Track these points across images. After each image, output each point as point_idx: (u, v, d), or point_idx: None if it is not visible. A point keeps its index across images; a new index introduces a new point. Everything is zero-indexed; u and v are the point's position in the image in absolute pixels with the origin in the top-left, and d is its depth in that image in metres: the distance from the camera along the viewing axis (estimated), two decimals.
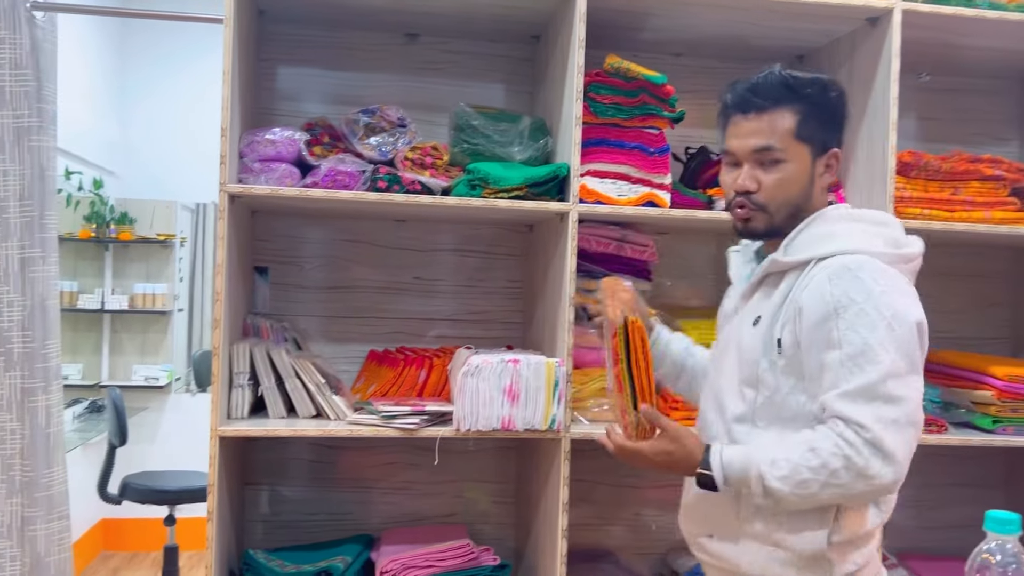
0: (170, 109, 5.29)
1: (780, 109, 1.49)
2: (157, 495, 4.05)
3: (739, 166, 1.52)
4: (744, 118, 1.51)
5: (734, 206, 1.55)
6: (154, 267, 5.34)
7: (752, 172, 1.50)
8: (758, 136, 1.49)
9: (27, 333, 2.15)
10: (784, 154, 1.49)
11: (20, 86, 2.14)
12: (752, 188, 1.50)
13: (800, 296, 1.45)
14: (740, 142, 1.52)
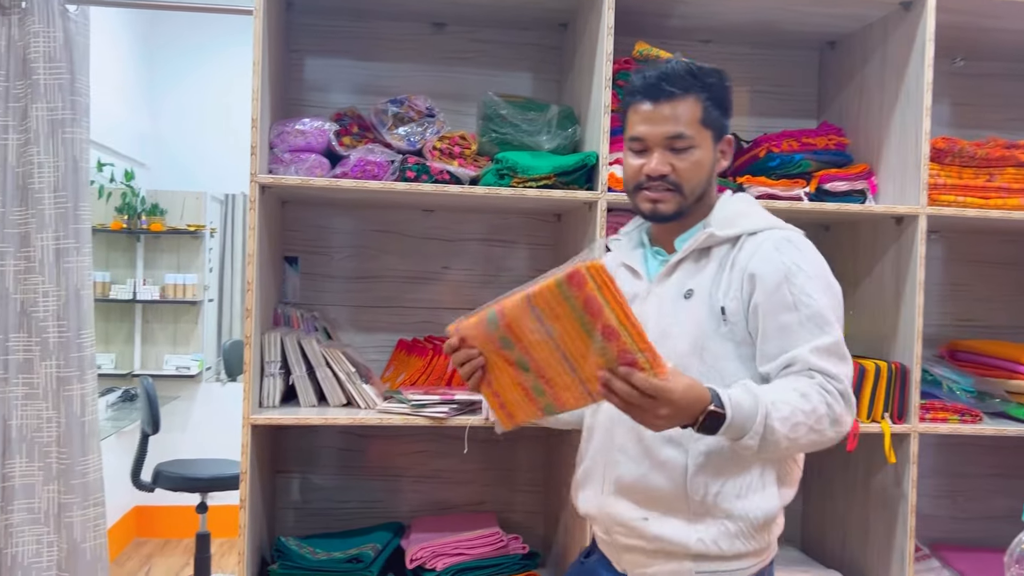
0: (199, 101, 5.33)
1: (688, 97, 1.54)
2: (189, 483, 4.09)
3: (646, 152, 1.56)
4: (654, 105, 1.54)
5: (643, 189, 1.57)
6: (184, 258, 5.39)
7: (664, 157, 1.54)
8: (670, 123, 1.53)
9: (62, 323, 2.18)
10: (694, 140, 1.54)
11: (54, 79, 2.16)
12: (667, 171, 1.54)
13: (750, 264, 1.50)
14: (652, 128, 1.54)
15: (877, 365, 2.15)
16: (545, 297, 1.29)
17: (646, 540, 1.52)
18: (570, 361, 1.32)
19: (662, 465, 1.50)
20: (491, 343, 1.39)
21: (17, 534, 2.19)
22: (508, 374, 1.39)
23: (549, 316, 1.29)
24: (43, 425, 2.20)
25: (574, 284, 1.25)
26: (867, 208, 2.20)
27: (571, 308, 1.27)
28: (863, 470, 2.33)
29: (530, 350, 1.34)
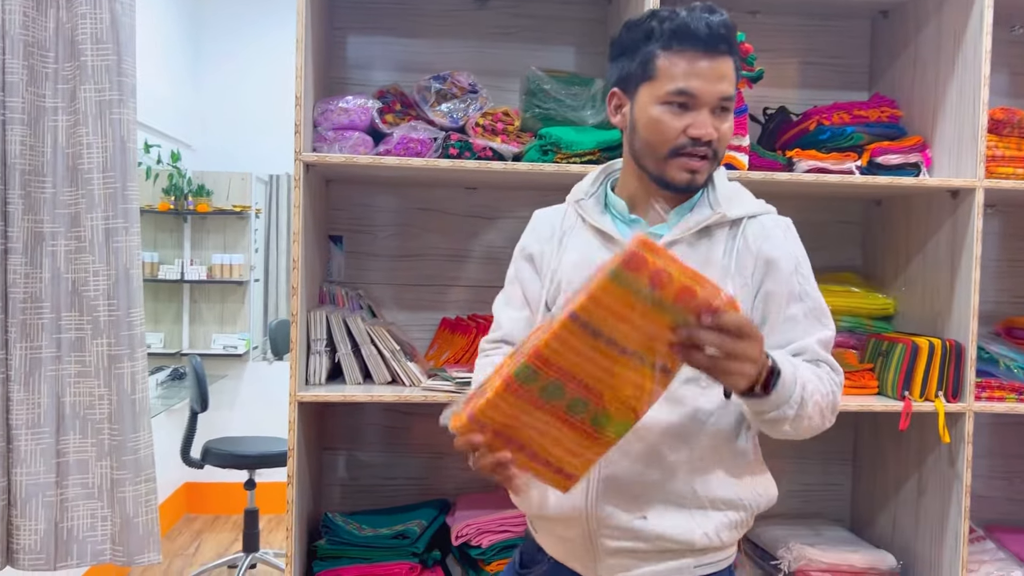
0: (244, 82, 5.37)
1: (730, 56, 1.37)
2: (237, 460, 4.16)
3: (688, 110, 1.35)
4: (712, 59, 1.34)
5: (681, 155, 1.36)
6: (231, 238, 5.45)
7: (710, 119, 1.36)
8: (726, 82, 1.35)
9: (112, 302, 2.21)
10: (732, 104, 1.39)
11: (101, 60, 2.18)
12: (715, 136, 1.36)
13: (763, 249, 1.41)
14: (708, 86, 1.34)
15: (931, 343, 2.10)
16: (601, 301, 1.12)
17: (644, 540, 1.38)
18: (641, 354, 1.16)
19: (665, 462, 1.38)
20: (528, 406, 1.18)
21: (72, 508, 2.23)
22: (554, 427, 1.20)
23: (611, 321, 1.13)
24: (95, 402, 2.24)
25: (634, 268, 1.10)
26: (921, 181, 2.15)
27: (637, 294, 1.11)
28: (915, 450, 2.29)
29: (587, 379, 1.16)
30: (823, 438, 2.54)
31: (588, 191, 1.51)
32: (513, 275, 1.56)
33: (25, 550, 2.19)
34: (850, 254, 2.57)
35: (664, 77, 1.35)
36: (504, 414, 1.18)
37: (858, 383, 2.20)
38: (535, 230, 1.56)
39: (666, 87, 1.35)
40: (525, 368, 1.15)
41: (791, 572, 2.23)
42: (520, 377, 1.15)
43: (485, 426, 1.19)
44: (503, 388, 1.16)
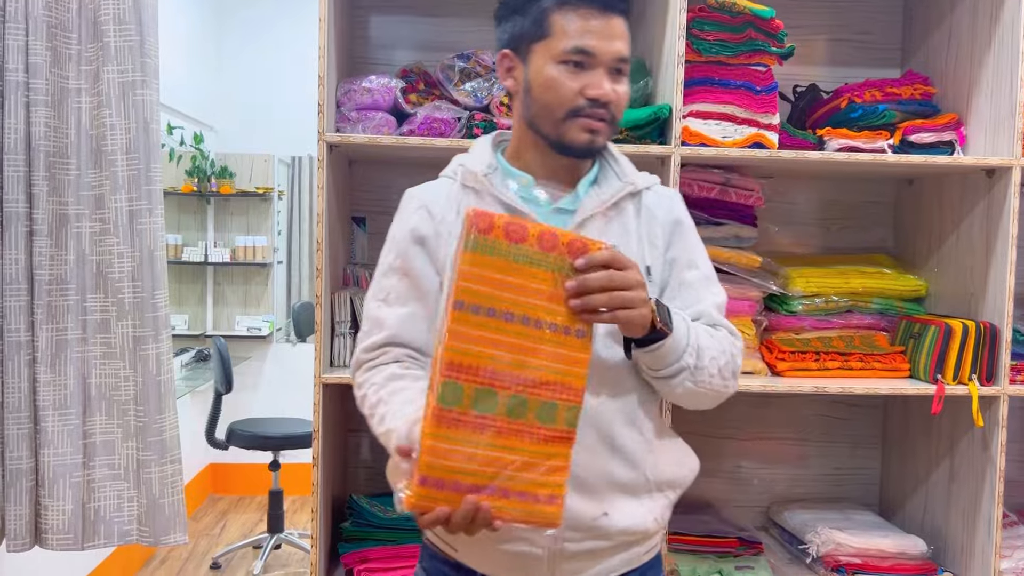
0: (266, 64, 5.36)
1: (623, 17, 1.31)
2: (262, 441, 4.18)
3: (584, 70, 1.28)
4: (606, 17, 1.28)
5: (580, 116, 1.29)
6: (254, 220, 5.46)
7: (608, 80, 1.29)
8: (621, 42, 1.29)
9: (136, 283, 2.21)
10: (627, 67, 1.33)
11: (124, 41, 2.17)
12: (614, 99, 1.30)
13: (669, 215, 1.39)
14: (605, 44, 1.27)
15: (965, 325, 2.06)
16: (473, 276, 1.07)
17: (607, 538, 1.31)
18: (544, 320, 1.10)
19: (621, 450, 1.32)
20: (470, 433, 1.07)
21: (99, 489, 2.25)
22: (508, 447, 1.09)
23: (494, 293, 1.08)
24: (121, 384, 2.24)
25: (483, 229, 1.06)
26: (956, 160, 2.10)
27: (502, 255, 1.07)
28: (947, 434, 2.25)
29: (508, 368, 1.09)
30: (852, 422, 2.52)
31: (491, 164, 1.39)
32: (395, 265, 1.37)
33: (53, 530, 2.21)
34: (881, 235, 2.53)
35: (559, 35, 1.29)
36: (451, 456, 1.06)
37: (889, 366, 2.17)
38: (424, 209, 1.38)
39: (561, 45, 1.28)
40: (444, 387, 1.06)
41: (819, 557, 2.20)
42: (446, 400, 1.06)
43: (442, 482, 1.06)
44: (435, 423, 1.05)
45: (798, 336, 2.23)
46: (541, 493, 1.11)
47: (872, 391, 2.09)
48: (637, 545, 1.36)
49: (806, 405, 2.53)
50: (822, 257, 2.45)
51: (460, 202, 1.36)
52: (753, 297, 2.20)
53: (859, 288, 2.25)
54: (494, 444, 1.08)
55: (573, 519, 1.27)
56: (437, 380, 1.06)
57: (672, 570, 2.12)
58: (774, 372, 2.16)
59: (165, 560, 4.23)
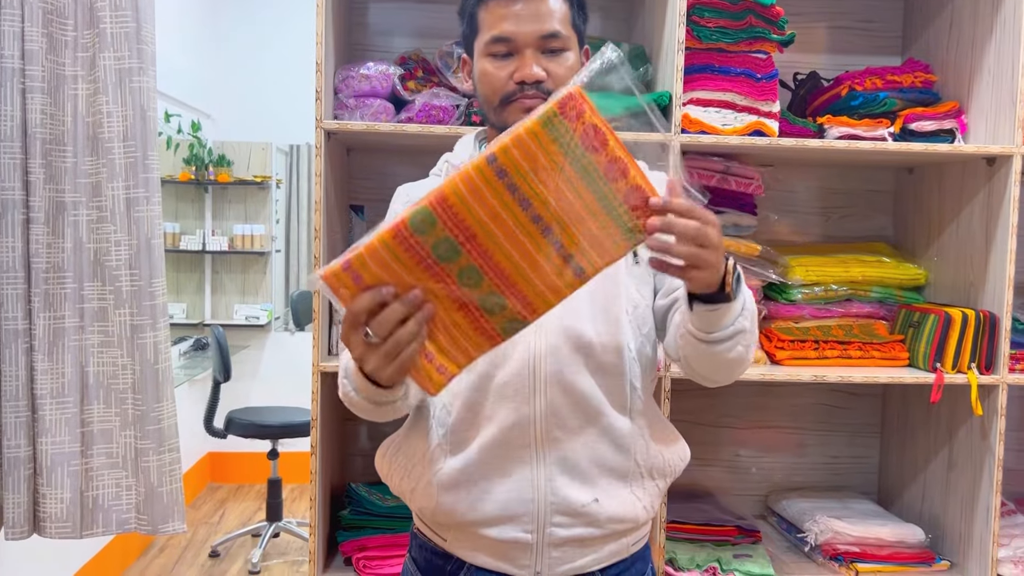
0: (263, 52, 5.34)
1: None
2: (260, 430, 4.18)
3: (510, 56, 1.29)
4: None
5: (513, 100, 1.29)
6: (252, 209, 5.45)
7: (538, 60, 1.28)
8: (544, 20, 1.28)
9: (134, 272, 2.20)
10: (568, 41, 1.31)
11: (120, 28, 2.16)
12: (543, 77, 1.28)
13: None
14: (521, 26, 1.27)
15: (964, 313, 2.06)
16: (526, 149, 0.96)
17: (596, 525, 1.30)
18: (556, 236, 1.01)
19: (611, 433, 1.31)
20: (415, 266, 1.00)
21: (97, 478, 2.24)
22: (442, 301, 1.03)
23: (531, 177, 0.98)
24: (119, 372, 2.24)
25: (569, 114, 0.96)
26: (956, 148, 2.09)
27: (566, 151, 0.97)
28: (946, 423, 2.25)
29: (488, 245, 1.00)
30: (851, 410, 2.52)
31: (472, 155, 1.39)
32: None
33: (51, 518, 2.21)
34: (881, 223, 2.52)
35: (484, 28, 1.31)
36: (386, 270, 0.99)
37: (888, 354, 2.17)
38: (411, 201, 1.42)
39: (484, 37, 1.31)
40: (422, 213, 0.98)
41: (818, 545, 2.20)
42: (414, 224, 0.98)
43: (361, 279, 1.00)
44: (390, 236, 0.98)
45: (797, 325, 2.23)
46: (438, 359, 1.05)
47: (871, 380, 2.09)
48: (626, 536, 1.36)
49: (805, 394, 2.53)
50: (822, 245, 2.44)
51: None
52: (752, 285, 2.20)
53: (859, 277, 2.25)
54: (428, 290, 1.02)
55: (563, 503, 1.29)
56: (418, 205, 0.99)
57: (670, 559, 2.12)
58: (773, 361, 2.16)
59: (164, 548, 4.24)
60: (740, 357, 1.24)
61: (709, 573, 2.08)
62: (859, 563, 2.14)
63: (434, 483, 1.32)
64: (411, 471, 1.37)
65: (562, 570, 1.32)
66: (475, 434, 1.30)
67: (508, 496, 1.29)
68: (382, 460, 1.45)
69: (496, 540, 1.30)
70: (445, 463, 1.32)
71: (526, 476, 1.28)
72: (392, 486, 1.42)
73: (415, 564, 1.42)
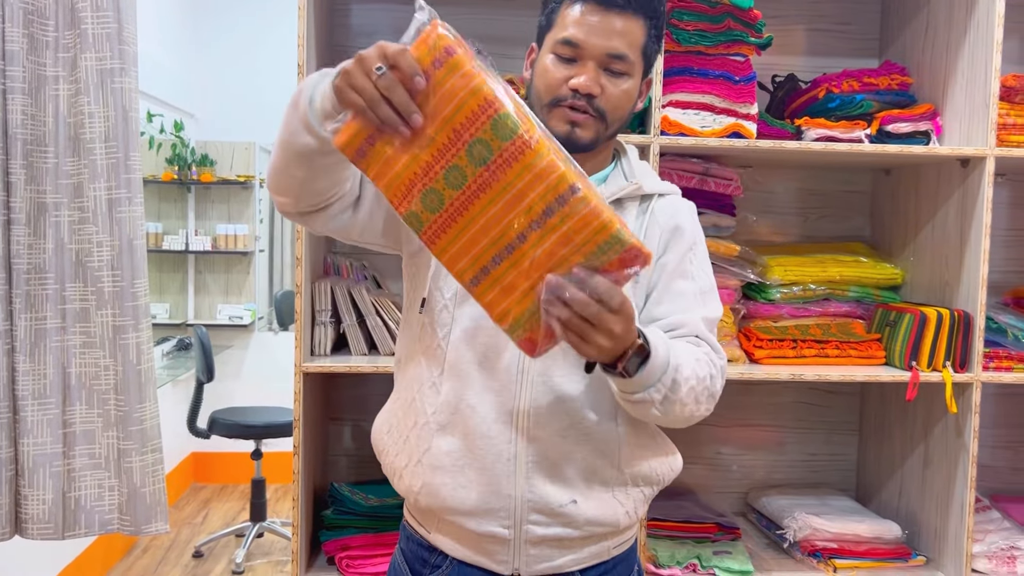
0: (246, 50, 5.33)
1: (639, 17, 1.30)
2: (244, 430, 4.18)
3: (574, 62, 1.30)
4: (603, 13, 1.28)
5: (561, 105, 1.30)
6: (235, 208, 5.44)
7: (597, 75, 1.29)
8: (617, 39, 1.28)
9: (116, 272, 2.20)
10: (632, 67, 1.31)
11: (102, 28, 2.16)
12: (597, 92, 1.29)
13: (671, 221, 1.38)
14: (596, 39, 1.28)
15: (939, 313, 2.09)
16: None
17: (574, 527, 1.32)
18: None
19: (593, 439, 1.32)
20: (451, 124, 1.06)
21: (79, 479, 2.24)
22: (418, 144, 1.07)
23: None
24: (101, 373, 2.24)
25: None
26: (931, 150, 2.12)
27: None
28: (922, 420, 2.28)
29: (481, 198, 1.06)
30: (829, 408, 2.55)
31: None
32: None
33: (33, 519, 2.21)
34: (858, 223, 2.55)
35: (558, 26, 1.32)
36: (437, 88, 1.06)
37: (865, 353, 2.20)
38: None
39: (556, 36, 1.31)
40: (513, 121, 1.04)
41: (796, 542, 2.23)
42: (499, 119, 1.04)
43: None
44: (480, 90, 1.06)
45: (776, 324, 2.25)
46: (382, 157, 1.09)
47: (848, 378, 2.12)
48: (607, 539, 1.36)
49: (784, 392, 2.55)
50: (800, 246, 2.47)
51: None
52: (731, 285, 2.22)
53: (836, 276, 2.28)
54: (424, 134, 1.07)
55: (541, 502, 1.30)
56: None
57: (651, 556, 2.14)
58: (752, 360, 2.19)
59: (147, 549, 4.23)
60: (655, 419, 1.26)
61: (689, 570, 2.11)
62: (837, 559, 2.17)
63: (424, 462, 1.34)
64: (404, 447, 1.38)
65: (540, 568, 1.33)
66: (460, 420, 1.31)
67: (487, 489, 1.30)
68: (380, 432, 1.46)
69: (475, 533, 1.32)
70: (433, 442, 1.33)
71: (506, 471, 1.29)
72: (385, 463, 1.43)
73: (403, 555, 1.45)
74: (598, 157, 1.38)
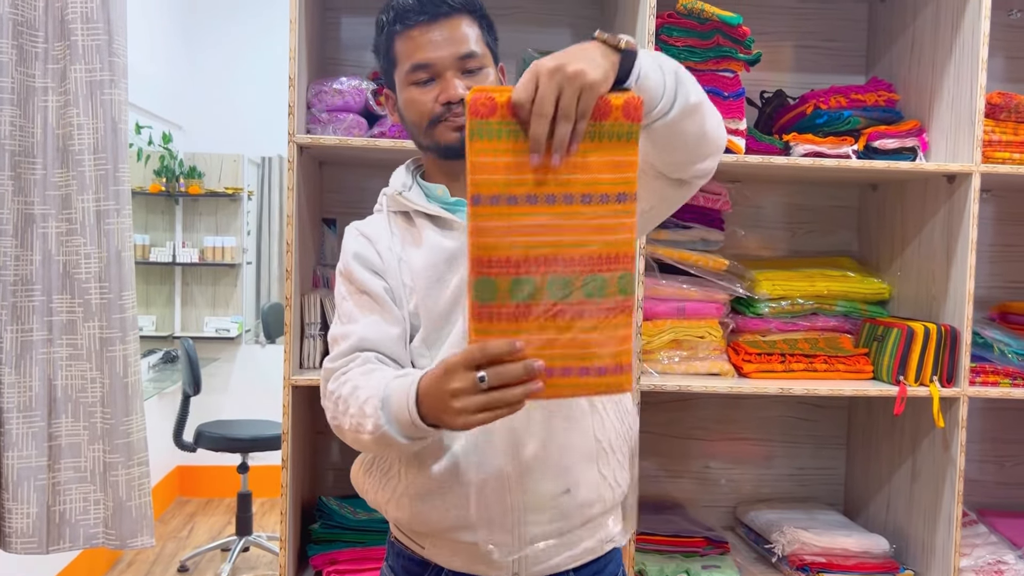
0: (236, 64, 5.33)
1: (463, 15, 1.34)
2: (230, 443, 4.15)
3: (431, 82, 1.33)
4: (431, 27, 1.32)
5: (442, 121, 1.33)
6: (223, 221, 5.43)
7: (460, 81, 1.32)
8: (459, 42, 1.33)
9: (104, 284, 2.19)
10: (484, 60, 1.35)
11: (92, 40, 2.16)
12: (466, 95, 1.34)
13: None
14: (437, 52, 1.32)
15: (926, 328, 2.10)
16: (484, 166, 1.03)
17: (568, 516, 1.32)
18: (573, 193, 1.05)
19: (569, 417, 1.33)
20: (514, 325, 1.05)
21: (65, 492, 2.22)
22: (558, 327, 1.06)
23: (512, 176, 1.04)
24: (87, 385, 2.22)
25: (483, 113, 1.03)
26: (918, 166, 2.14)
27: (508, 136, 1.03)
28: (909, 434, 2.29)
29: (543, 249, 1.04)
30: (817, 423, 2.56)
31: (405, 183, 1.43)
32: (350, 290, 1.37)
33: (17, 533, 2.19)
34: (846, 238, 2.57)
35: (402, 60, 1.35)
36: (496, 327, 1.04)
37: (853, 367, 2.20)
38: (363, 237, 1.40)
39: (405, 68, 1.35)
40: (478, 285, 1.03)
41: (784, 556, 2.23)
42: (482, 297, 1.03)
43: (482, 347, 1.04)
44: (476, 319, 1.04)
45: (764, 338, 2.26)
46: (604, 365, 1.07)
47: (836, 392, 2.12)
48: (598, 520, 1.37)
49: (772, 406, 2.56)
50: (788, 260, 2.48)
51: (392, 229, 1.39)
52: (720, 300, 2.23)
53: (824, 291, 2.29)
54: (543, 327, 1.04)
55: (535, 500, 1.30)
56: (470, 279, 1.03)
57: (639, 570, 2.14)
58: (740, 374, 2.19)
59: (132, 563, 4.19)
60: (712, 119, 1.25)
61: None
62: (825, 573, 2.17)
63: (408, 493, 1.33)
64: (386, 483, 1.38)
65: (537, 570, 1.33)
66: (447, 443, 1.31)
67: (482, 502, 1.30)
68: (358, 473, 1.45)
69: (472, 544, 1.32)
70: (419, 473, 1.33)
71: (498, 481, 1.29)
72: (368, 499, 1.43)
73: (392, 572, 1.43)
74: None
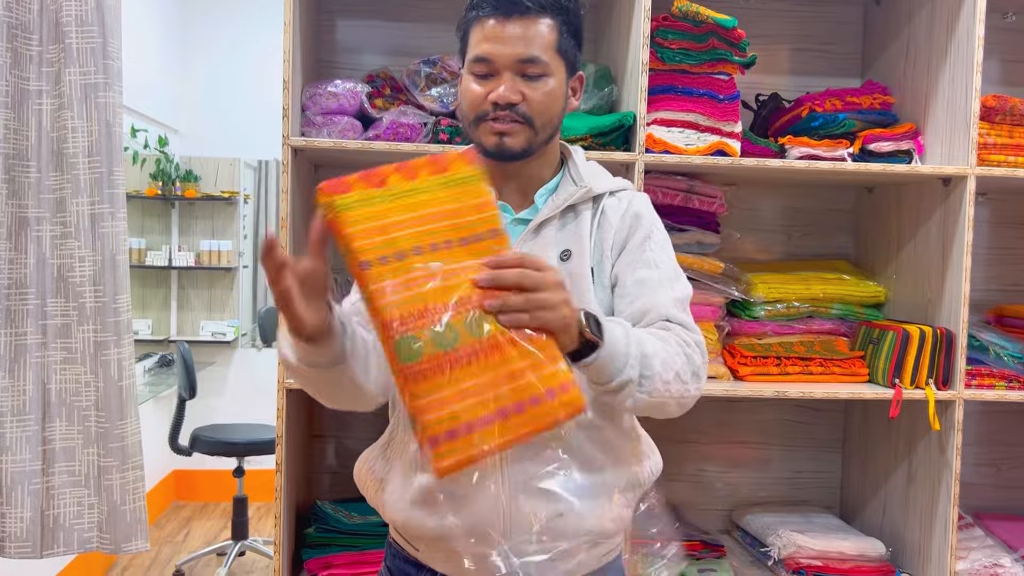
0: (231, 67, 5.32)
1: (543, 18, 1.31)
2: (226, 447, 4.14)
3: (490, 77, 1.32)
4: (504, 22, 1.30)
5: (486, 120, 1.32)
6: (219, 224, 5.42)
7: (514, 83, 1.31)
8: (523, 44, 1.30)
9: (98, 288, 2.19)
10: (548, 67, 1.32)
11: (86, 43, 2.15)
12: (517, 100, 1.31)
13: (628, 211, 1.39)
14: (500, 49, 1.30)
15: (922, 331, 2.10)
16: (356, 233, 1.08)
17: (563, 539, 1.31)
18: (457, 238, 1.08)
19: (571, 446, 1.31)
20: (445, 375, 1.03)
21: (59, 496, 2.22)
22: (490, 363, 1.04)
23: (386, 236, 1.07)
24: (81, 389, 2.21)
25: (339, 190, 1.08)
26: (913, 169, 2.14)
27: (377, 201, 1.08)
28: (905, 437, 2.29)
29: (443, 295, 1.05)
30: (813, 426, 2.56)
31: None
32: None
33: (11, 538, 2.18)
34: (841, 241, 2.57)
35: (471, 47, 1.34)
36: (443, 405, 1.01)
37: (849, 371, 2.20)
38: None
39: (470, 56, 1.34)
40: (399, 345, 1.02)
41: (781, 559, 2.23)
42: (405, 358, 1.02)
43: (453, 433, 1.01)
44: (409, 383, 1.02)
45: (760, 341, 2.26)
46: (550, 387, 1.05)
47: (832, 395, 2.12)
48: (595, 547, 1.36)
49: (768, 410, 2.56)
50: (784, 263, 2.48)
51: None
52: (716, 303, 2.23)
53: (820, 294, 2.29)
54: (477, 370, 1.03)
55: (528, 519, 1.29)
56: (389, 345, 1.02)
57: (635, 573, 2.13)
58: (736, 377, 2.19)
59: (127, 568, 4.18)
60: (646, 404, 1.23)
61: None
62: None
63: (406, 497, 1.34)
64: (386, 485, 1.38)
65: None
66: None
67: (475, 514, 1.29)
68: (360, 469, 1.47)
69: (465, 552, 1.31)
70: (416, 479, 1.33)
71: (492, 494, 1.28)
72: (368, 497, 1.44)
73: (389, 572, 1.44)
74: (541, 162, 1.39)
